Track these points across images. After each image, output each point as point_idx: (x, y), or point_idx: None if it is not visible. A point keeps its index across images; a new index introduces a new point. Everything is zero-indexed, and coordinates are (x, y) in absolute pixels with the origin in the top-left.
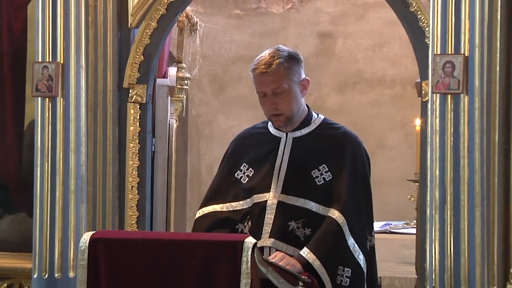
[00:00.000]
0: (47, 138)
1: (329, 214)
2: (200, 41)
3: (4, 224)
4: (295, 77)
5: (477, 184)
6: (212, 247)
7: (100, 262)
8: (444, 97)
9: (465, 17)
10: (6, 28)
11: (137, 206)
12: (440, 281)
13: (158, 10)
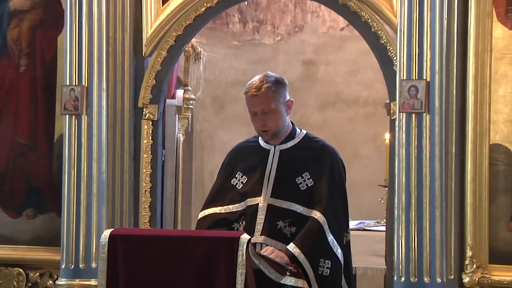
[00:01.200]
0: (74, 149)
1: (311, 214)
2: (203, 67)
3: (37, 222)
4: (281, 98)
5: (437, 189)
6: (213, 242)
7: (118, 254)
8: (409, 116)
9: (427, 48)
10: (39, 57)
11: (150, 207)
12: (405, 271)
13: (168, 41)
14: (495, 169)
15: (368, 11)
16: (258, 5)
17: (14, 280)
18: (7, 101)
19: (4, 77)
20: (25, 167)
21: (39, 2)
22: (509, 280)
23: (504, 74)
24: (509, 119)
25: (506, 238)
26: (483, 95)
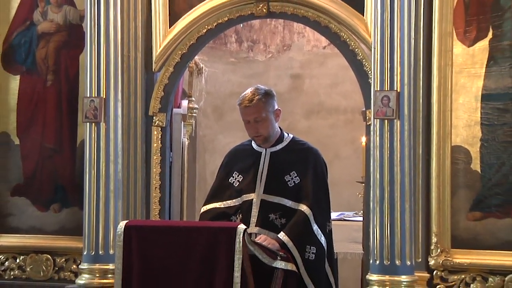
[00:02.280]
0: (93, 152)
1: (299, 208)
2: (205, 81)
3: (62, 215)
4: (270, 108)
5: (407, 184)
6: (214, 232)
7: (132, 243)
8: (382, 122)
9: (397, 63)
10: (64, 73)
11: (159, 202)
12: (380, 255)
13: (174, 59)
14: (456, 167)
15: (347, 32)
16: (252, 27)
17: (43, 265)
18: (36, 111)
19: (33, 91)
20: (52, 168)
21: (63, 26)
22: (468, 262)
23: (463, 86)
24: (468, 124)
25: (466, 227)
26: (445, 104)
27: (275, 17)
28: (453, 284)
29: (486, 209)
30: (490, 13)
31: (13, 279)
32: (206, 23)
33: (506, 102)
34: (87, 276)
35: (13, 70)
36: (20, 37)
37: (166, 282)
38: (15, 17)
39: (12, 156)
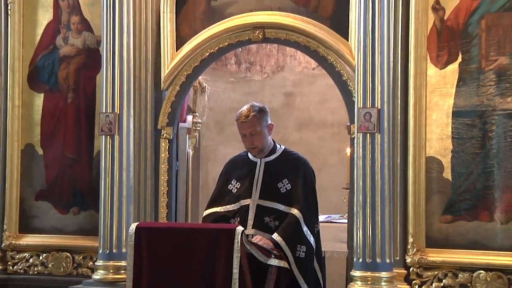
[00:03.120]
0: (109, 161)
1: (290, 211)
2: (207, 98)
3: (80, 217)
4: (264, 123)
5: (386, 191)
6: (215, 233)
7: (142, 242)
8: (365, 135)
9: (377, 84)
10: (82, 91)
11: (167, 206)
12: (362, 254)
13: (180, 79)
14: (430, 175)
15: (333, 55)
16: (249, 50)
17: (63, 262)
18: (58, 125)
19: (55, 107)
20: (71, 176)
21: (82, 50)
22: (440, 260)
23: (436, 104)
24: (440, 138)
25: (438, 228)
26: (420, 119)
27: (270, 42)
28: (427, 280)
29: (456, 213)
30: (460, 39)
31: (36, 274)
32: (208, 47)
33: (473, 118)
34: (102, 272)
35: (37, 88)
36: (44, 59)
37: (172, 277)
38: (40, 42)
39: (36, 164)
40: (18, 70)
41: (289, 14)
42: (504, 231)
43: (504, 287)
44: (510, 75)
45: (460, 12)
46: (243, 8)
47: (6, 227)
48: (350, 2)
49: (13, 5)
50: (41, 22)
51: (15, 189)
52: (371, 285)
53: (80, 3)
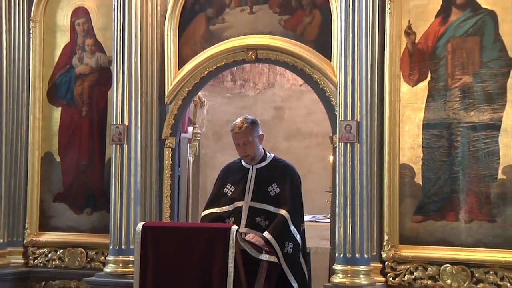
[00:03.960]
0: (118, 167)
1: (279, 212)
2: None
3: (93, 217)
4: (255, 133)
5: (364, 194)
6: (212, 231)
7: (148, 239)
8: (345, 145)
9: (357, 99)
10: (95, 105)
11: (170, 207)
12: (343, 250)
13: (182, 94)
14: (403, 180)
15: (318, 74)
16: (244, 69)
17: (78, 257)
18: (73, 136)
19: (71, 119)
20: (85, 180)
21: (96, 68)
22: (412, 255)
23: (408, 117)
24: (412, 147)
25: (410, 227)
26: (395, 131)
27: (262, 62)
28: (400, 273)
29: (426, 214)
30: (429, 60)
31: (54, 268)
32: (207, 67)
33: (441, 130)
34: (113, 266)
35: (56, 103)
36: (62, 77)
37: (174, 270)
38: (58, 62)
39: (54, 170)
40: (38, 86)
41: (278, 38)
42: (467, 229)
43: (467, 279)
44: (473, 92)
45: (429, 36)
46: (238, 32)
47: (28, 226)
48: (333, 27)
49: (35, 30)
50: (59, 45)
51: (35, 192)
52: (351, 277)
53: (94, 28)
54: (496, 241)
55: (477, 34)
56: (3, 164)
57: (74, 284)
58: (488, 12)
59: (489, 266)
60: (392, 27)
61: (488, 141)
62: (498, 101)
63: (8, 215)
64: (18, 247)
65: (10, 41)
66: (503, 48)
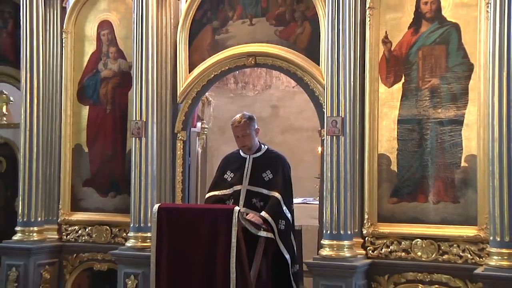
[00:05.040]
0: (137, 157)
1: (272, 194)
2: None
3: (116, 199)
4: (252, 127)
5: (348, 180)
6: (218, 211)
7: (163, 218)
8: (332, 137)
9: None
10: (117, 104)
11: (181, 191)
12: (330, 227)
13: (192, 94)
14: (381, 168)
15: (308, 77)
16: (244, 73)
17: (104, 233)
18: (99, 130)
19: (97, 116)
20: (109, 168)
21: (118, 73)
22: (388, 231)
23: (386, 114)
24: (388, 139)
25: (387, 208)
26: (374, 125)
27: (260, 67)
28: (378, 246)
29: (400, 196)
30: (403, 65)
31: (83, 242)
32: (213, 71)
33: (413, 124)
34: (133, 241)
35: (84, 102)
36: (89, 80)
37: (185, 245)
38: (86, 67)
39: (83, 160)
40: (69, 88)
41: (274, 46)
42: (435, 209)
43: (435, 251)
44: (440, 92)
45: (403, 45)
46: (240, 41)
47: (61, 207)
48: (321, 37)
49: (66, 39)
50: (87, 52)
51: (67, 178)
52: (336, 250)
53: (116, 38)
54: (459, 219)
55: (443, 43)
56: (40, 154)
57: (101, 256)
58: (452, 25)
59: (453, 240)
60: (371, 36)
61: (452, 134)
62: (461, 100)
63: (45, 198)
64: (53, 224)
65: (45, 50)
66: (465, 55)
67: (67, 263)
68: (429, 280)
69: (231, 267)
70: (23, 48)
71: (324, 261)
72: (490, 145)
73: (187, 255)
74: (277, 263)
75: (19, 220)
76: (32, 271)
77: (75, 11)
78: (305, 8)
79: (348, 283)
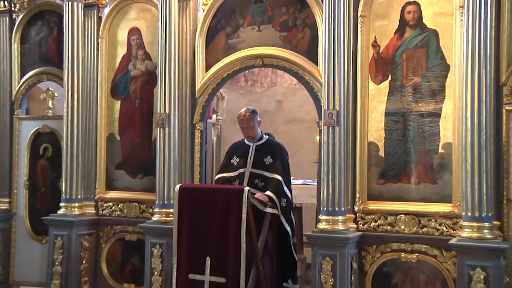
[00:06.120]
0: (161, 144)
1: (273, 176)
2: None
3: (144, 180)
4: (255, 120)
5: (342, 164)
6: (230, 191)
7: (183, 197)
8: (328, 128)
9: (337, 94)
10: (145, 99)
11: (199, 173)
12: (326, 204)
13: (208, 90)
14: (370, 154)
15: (308, 75)
16: (253, 72)
17: (133, 209)
18: (129, 121)
19: (127, 109)
20: (138, 154)
21: (145, 72)
22: (376, 208)
23: (375, 107)
24: (377, 129)
25: (375, 188)
26: (364, 117)
27: (267, 67)
28: (367, 221)
29: (386, 178)
30: (390, 65)
31: (116, 217)
32: (226, 70)
33: (398, 117)
34: (158, 216)
35: (116, 97)
36: (121, 78)
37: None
38: (118, 67)
39: (115, 146)
40: (104, 85)
41: (279, 48)
42: (416, 189)
43: (416, 225)
44: (421, 89)
45: (390, 48)
46: (249, 45)
47: (98, 186)
48: (319, 41)
49: (102, 44)
50: (119, 54)
51: (102, 162)
52: (331, 224)
53: (144, 42)
54: (436, 197)
55: (424, 47)
56: (80, 142)
57: (131, 229)
58: (432, 31)
59: (431, 215)
60: (362, 41)
61: (432, 125)
62: (439, 96)
63: (84, 179)
64: (91, 201)
65: (84, 53)
66: (443, 57)
67: (103, 234)
68: (411, 249)
69: (242, 239)
70: (65, 52)
71: (321, 233)
72: (463, 135)
73: (204, 227)
74: (280, 235)
75: (63, 197)
76: (74, 240)
77: (109, 20)
78: (305, 16)
79: (341, 252)
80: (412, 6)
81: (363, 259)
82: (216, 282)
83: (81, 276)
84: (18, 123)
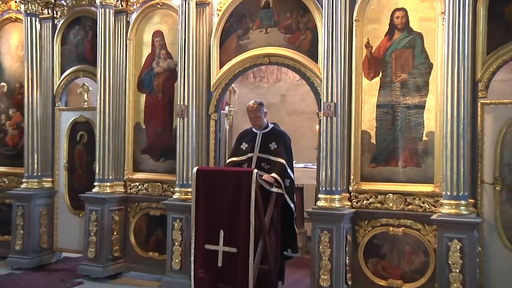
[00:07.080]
0: (181, 132)
1: (278, 160)
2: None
3: (166, 163)
4: (262, 111)
5: (339, 150)
6: (241, 173)
7: (200, 178)
8: (327, 118)
9: (334, 89)
10: (167, 93)
11: (214, 158)
12: (325, 185)
13: (221, 85)
14: (364, 141)
15: (309, 72)
16: (261, 69)
17: (157, 188)
18: (153, 112)
19: (151, 102)
20: (160, 140)
21: (167, 69)
22: (368, 188)
23: (367, 100)
24: (369, 119)
25: (367, 171)
26: (358, 109)
27: (273, 65)
28: (360, 199)
29: (377, 162)
30: (381, 64)
31: (142, 195)
32: (238, 67)
33: (388, 108)
34: (178, 194)
35: (142, 91)
36: (146, 75)
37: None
38: (144, 65)
39: (141, 134)
40: (132, 81)
41: (284, 49)
42: (403, 172)
43: (402, 203)
44: (408, 85)
45: (381, 49)
46: (258, 45)
47: (126, 168)
48: (319, 42)
49: (129, 45)
50: (145, 54)
51: (130, 148)
52: (329, 202)
53: (166, 43)
54: (420, 179)
55: (411, 47)
56: (111, 130)
57: (155, 205)
58: (417, 34)
59: (415, 194)
60: (357, 42)
61: (417, 116)
62: (424, 91)
63: (114, 162)
64: (120, 181)
65: (114, 52)
66: (427, 56)
67: (130, 209)
68: (398, 224)
69: (251, 214)
70: (99, 52)
71: (320, 210)
72: (444, 124)
73: (218, 204)
74: (284, 211)
75: (97, 177)
76: (106, 214)
77: (136, 24)
78: (307, 20)
79: (338, 226)
80: (400, 12)
81: (356, 232)
82: (229, 251)
83: (112, 245)
84: (58, 113)
